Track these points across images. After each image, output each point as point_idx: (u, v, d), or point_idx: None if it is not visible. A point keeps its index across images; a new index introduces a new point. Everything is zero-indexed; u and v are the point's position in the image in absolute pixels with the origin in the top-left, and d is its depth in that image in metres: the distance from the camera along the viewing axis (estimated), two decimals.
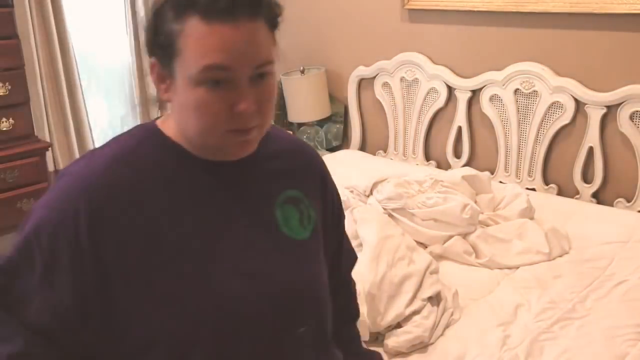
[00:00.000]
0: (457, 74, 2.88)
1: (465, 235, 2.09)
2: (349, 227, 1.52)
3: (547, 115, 2.61)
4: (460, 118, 2.89)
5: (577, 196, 2.59)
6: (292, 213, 1.04)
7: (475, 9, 2.74)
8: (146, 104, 3.77)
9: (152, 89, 3.72)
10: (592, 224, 2.28)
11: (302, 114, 3.35)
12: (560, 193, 2.65)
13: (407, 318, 1.64)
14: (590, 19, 2.45)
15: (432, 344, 1.61)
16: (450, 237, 2.07)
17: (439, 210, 2.10)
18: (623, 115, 2.42)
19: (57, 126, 3.35)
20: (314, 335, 1.04)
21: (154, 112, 3.77)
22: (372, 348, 1.41)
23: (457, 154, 2.95)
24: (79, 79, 3.39)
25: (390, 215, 2.16)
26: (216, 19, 0.85)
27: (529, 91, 2.64)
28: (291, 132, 3.42)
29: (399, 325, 1.64)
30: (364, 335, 1.54)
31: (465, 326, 1.67)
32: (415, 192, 2.21)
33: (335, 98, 3.42)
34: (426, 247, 2.07)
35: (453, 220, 2.08)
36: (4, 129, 2.88)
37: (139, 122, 3.81)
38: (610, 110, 2.46)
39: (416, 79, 3.00)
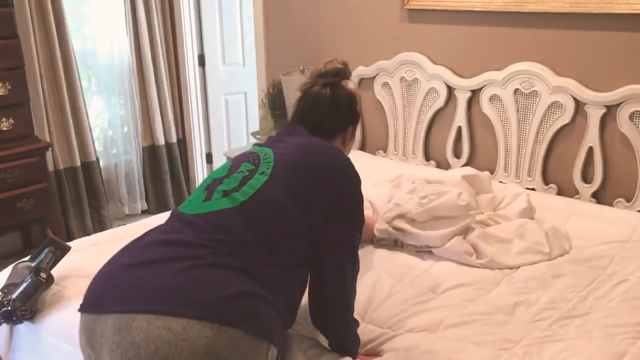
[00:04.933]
0: (457, 74, 2.89)
1: (465, 235, 2.09)
2: None
3: (546, 115, 2.62)
4: (460, 118, 2.89)
5: (577, 196, 2.59)
6: None
7: (475, 9, 2.74)
8: (146, 103, 3.77)
9: (152, 89, 3.72)
10: (592, 223, 2.28)
11: None
12: (560, 193, 2.65)
13: None
14: (590, 19, 2.45)
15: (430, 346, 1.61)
16: (453, 235, 2.07)
17: (436, 206, 2.10)
18: (623, 115, 2.42)
19: (57, 126, 3.36)
20: None
21: (154, 112, 3.77)
22: None
23: (457, 154, 2.95)
24: (79, 79, 3.39)
25: (396, 228, 2.14)
26: None
27: (528, 91, 2.64)
28: None
29: None
30: None
31: (464, 325, 1.67)
32: (408, 198, 2.21)
33: None
34: (429, 251, 2.07)
35: (452, 211, 2.08)
36: (4, 129, 2.88)
37: (138, 122, 3.82)
38: (610, 110, 2.47)
39: (416, 79, 3.00)
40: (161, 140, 3.91)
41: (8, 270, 1.87)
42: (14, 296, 1.68)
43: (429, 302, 1.80)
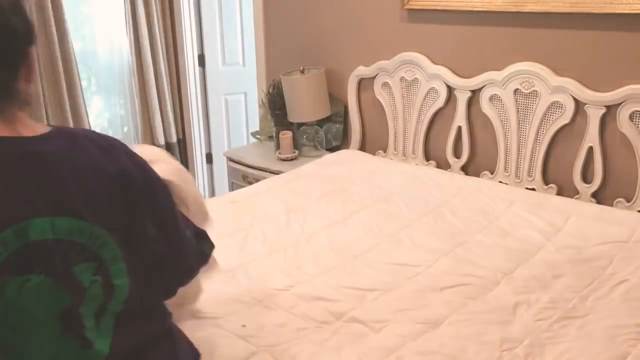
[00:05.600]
0: (457, 74, 2.89)
1: None
2: None
3: (546, 115, 2.62)
4: (460, 118, 2.89)
5: (577, 196, 2.59)
6: None
7: (475, 9, 2.74)
8: (146, 103, 3.77)
9: (152, 89, 3.72)
10: (592, 223, 2.28)
11: (302, 114, 3.36)
12: (560, 193, 2.65)
13: None
14: (590, 19, 2.45)
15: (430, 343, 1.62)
16: None
17: None
18: (623, 115, 2.42)
19: None
20: None
21: (154, 112, 3.77)
22: None
23: (457, 154, 2.95)
24: (79, 78, 3.39)
25: None
26: None
27: (528, 91, 2.64)
28: (291, 132, 3.42)
29: None
30: None
31: (464, 325, 1.67)
32: None
33: (335, 98, 3.42)
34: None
35: None
36: None
37: (138, 122, 3.82)
38: (610, 110, 2.47)
39: (416, 79, 3.00)
40: (161, 140, 3.91)
41: None
42: None
43: (429, 298, 1.81)
